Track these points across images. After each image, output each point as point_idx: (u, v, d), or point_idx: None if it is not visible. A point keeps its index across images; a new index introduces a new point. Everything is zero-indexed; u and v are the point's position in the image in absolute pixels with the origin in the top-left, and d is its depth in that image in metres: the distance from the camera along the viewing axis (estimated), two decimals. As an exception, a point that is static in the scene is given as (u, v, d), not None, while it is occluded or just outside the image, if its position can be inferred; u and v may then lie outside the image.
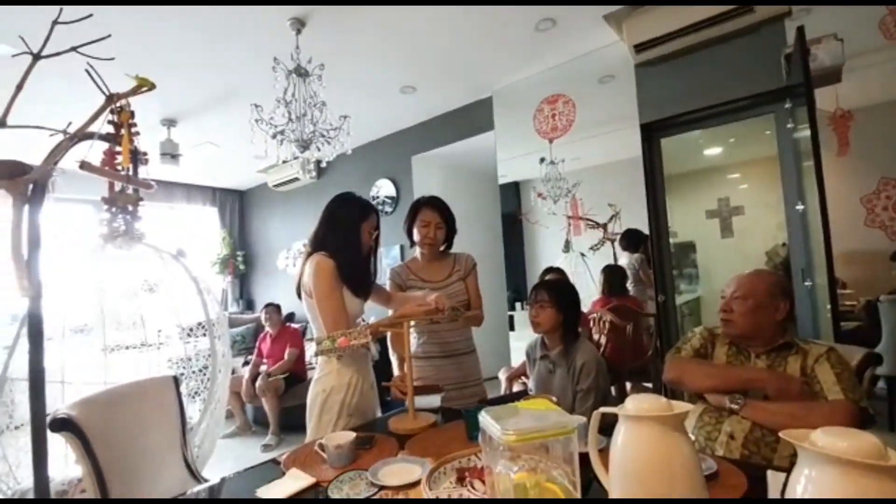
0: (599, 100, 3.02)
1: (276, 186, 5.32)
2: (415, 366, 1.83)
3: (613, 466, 0.72)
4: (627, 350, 2.67)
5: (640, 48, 2.62)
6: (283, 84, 2.39)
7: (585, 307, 2.72)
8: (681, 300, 3.31)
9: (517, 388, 2.38)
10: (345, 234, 1.57)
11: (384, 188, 4.49)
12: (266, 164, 5.01)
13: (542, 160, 3.26)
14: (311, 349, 3.77)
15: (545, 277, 2.63)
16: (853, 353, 1.35)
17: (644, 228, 2.83)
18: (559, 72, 3.17)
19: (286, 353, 3.89)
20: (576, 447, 0.71)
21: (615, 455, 0.71)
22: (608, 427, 0.76)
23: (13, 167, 1.10)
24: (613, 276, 2.91)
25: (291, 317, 4.64)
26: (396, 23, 2.52)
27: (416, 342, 1.88)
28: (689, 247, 3.90)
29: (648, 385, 2.78)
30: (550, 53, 3.02)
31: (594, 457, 0.78)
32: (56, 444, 1.32)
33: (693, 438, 1.23)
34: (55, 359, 2.21)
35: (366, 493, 0.96)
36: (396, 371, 1.86)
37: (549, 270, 2.87)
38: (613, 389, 2.49)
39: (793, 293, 1.36)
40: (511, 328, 3.55)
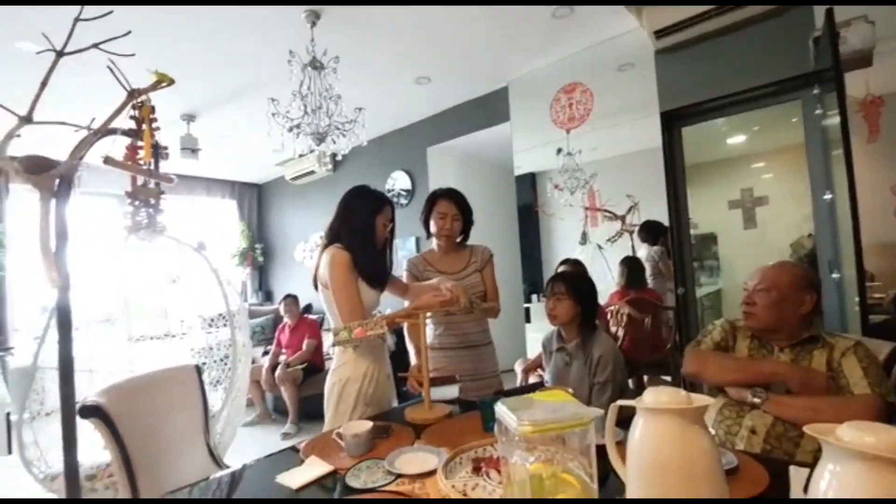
0: (618, 88, 2.96)
1: (293, 179, 5.37)
2: (431, 357, 1.85)
3: (631, 459, 0.71)
4: (645, 343, 2.64)
5: (661, 34, 2.55)
6: (299, 77, 2.40)
7: (603, 300, 2.69)
8: (701, 293, 3.25)
9: (533, 380, 2.38)
10: (359, 227, 1.58)
11: (399, 180, 4.49)
12: (283, 158, 5.06)
13: (559, 151, 3.21)
14: (329, 340, 3.83)
15: (560, 269, 2.61)
16: (881, 348, 1.31)
17: (663, 220, 2.77)
18: (577, 60, 3.11)
19: (304, 344, 3.96)
20: (592, 439, 0.70)
21: (633, 448, 0.71)
22: (625, 420, 0.75)
23: (40, 162, 1.13)
24: (632, 269, 2.87)
25: (309, 308, 4.70)
26: (411, 13, 2.50)
27: (433, 333, 1.89)
28: (711, 238, 3.82)
29: (667, 378, 2.74)
30: (568, 41, 2.97)
31: (611, 449, 0.78)
32: (85, 430, 1.37)
33: (713, 432, 1.22)
34: (83, 348, 2.29)
35: (383, 481, 0.97)
36: (413, 361, 1.88)
37: (566, 262, 2.84)
38: (631, 383, 2.47)
39: (819, 286, 1.32)
40: (527, 320, 3.54)
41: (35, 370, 2.09)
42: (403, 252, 4.43)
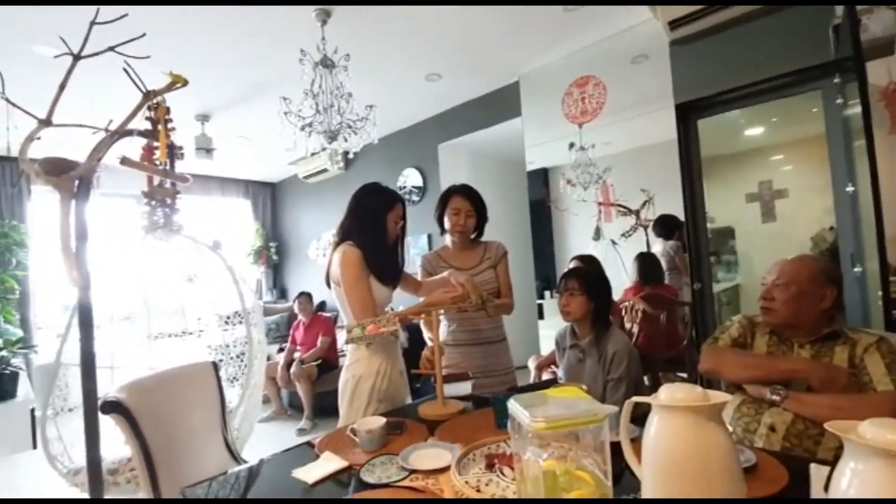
0: (632, 81, 2.91)
1: (306, 178, 5.41)
2: (444, 352, 1.86)
3: (646, 457, 0.70)
4: (661, 339, 2.60)
5: (675, 24, 2.51)
6: (311, 76, 2.41)
7: (617, 296, 2.66)
8: (718, 288, 3.19)
9: (547, 377, 2.37)
10: (370, 224, 1.59)
11: (411, 177, 4.50)
12: (296, 156, 5.10)
13: (572, 146, 3.18)
14: (343, 337, 3.86)
15: (572, 265, 2.59)
16: (906, 343, 1.27)
17: (679, 214, 2.73)
18: (589, 53, 3.07)
19: (319, 341, 4.00)
20: (606, 436, 0.70)
21: (648, 445, 0.70)
22: (641, 417, 0.75)
23: (60, 164, 1.16)
24: (647, 264, 2.83)
25: (323, 306, 4.74)
26: (421, 10, 2.50)
27: (447, 329, 1.89)
28: (728, 233, 3.75)
29: (683, 375, 2.71)
30: (579, 34, 2.93)
31: (626, 447, 0.77)
32: (107, 426, 1.40)
33: (731, 430, 1.20)
34: (105, 346, 2.34)
35: (397, 477, 0.98)
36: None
37: (578, 258, 2.81)
38: (646, 379, 2.44)
39: (841, 280, 1.29)
40: (540, 317, 3.52)
41: (58, 367, 2.15)
42: (416, 249, 4.44)
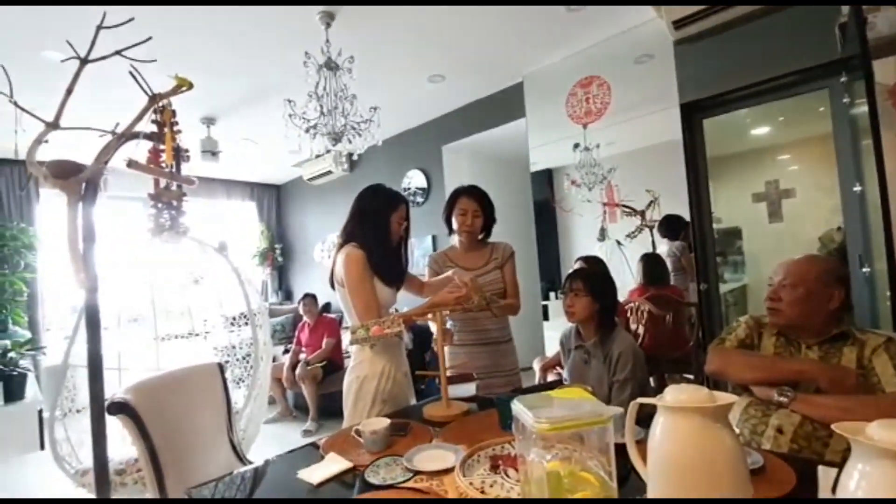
0: (636, 81, 2.90)
1: (311, 180, 5.43)
2: (450, 352, 1.87)
3: (652, 458, 0.70)
4: (667, 340, 2.59)
5: (680, 24, 2.50)
6: (315, 78, 2.43)
7: (622, 296, 2.65)
8: (725, 289, 3.17)
9: (552, 378, 2.36)
10: (374, 226, 1.59)
11: (415, 179, 4.51)
12: (300, 159, 5.13)
13: (576, 146, 3.17)
14: (348, 338, 3.87)
15: (576, 265, 2.58)
16: (916, 344, 1.26)
17: (685, 214, 2.72)
18: (593, 53, 3.07)
19: (324, 343, 4.01)
20: (611, 437, 0.69)
21: (653, 447, 0.70)
22: (646, 418, 0.74)
23: (67, 167, 1.17)
24: (652, 265, 2.81)
25: (328, 307, 4.76)
26: (424, 12, 2.50)
27: (453, 329, 1.89)
28: (734, 233, 3.72)
29: (689, 377, 2.69)
30: (583, 34, 2.92)
31: (631, 448, 0.77)
32: (114, 427, 1.41)
33: (738, 432, 1.19)
34: (112, 347, 2.36)
35: (401, 478, 0.98)
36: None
37: (582, 259, 2.80)
38: (652, 381, 2.42)
39: (849, 280, 1.28)
40: (545, 318, 3.51)
41: (66, 368, 2.17)
42: (420, 251, 4.44)
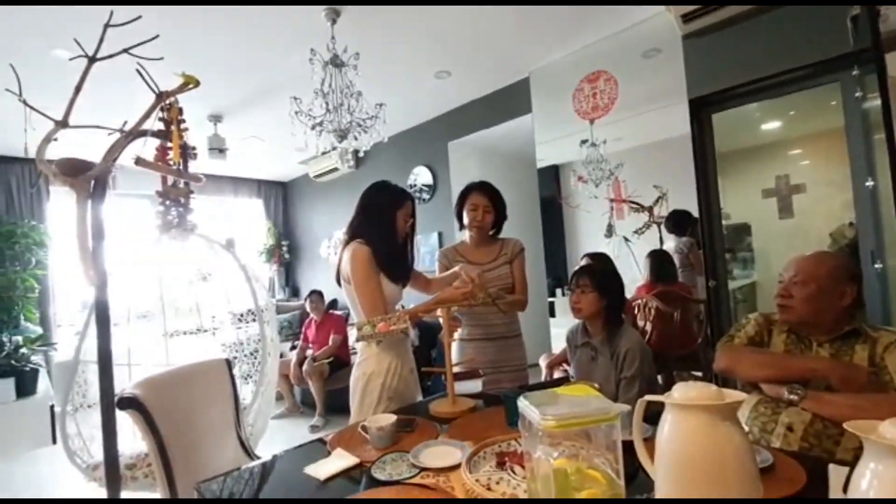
0: (644, 75, 2.87)
1: (317, 177, 5.45)
2: (457, 346, 1.90)
3: (659, 456, 0.69)
4: (674, 337, 2.57)
5: (688, 17, 2.46)
6: (321, 75, 2.42)
7: (629, 293, 2.63)
8: (734, 285, 3.14)
9: (558, 375, 2.36)
10: (379, 222, 1.59)
11: (421, 176, 4.50)
12: (307, 156, 5.14)
13: (583, 142, 3.15)
14: (354, 335, 3.88)
15: (583, 262, 2.57)
16: (929, 341, 1.23)
17: (693, 210, 2.69)
18: (600, 48, 3.04)
19: (330, 339, 4.02)
20: (618, 435, 0.69)
21: (661, 445, 0.69)
22: (654, 416, 0.73)
23: (76, 165, 1.18)
24: (660, 262, 2.79)
25: (334, 304, 4.77)
26: (430, 7, 2.49)
27: (460, 319, 1.90)
28: (744, 229, 3.69)
29: (698, 374, 2.67)
30: (590, 29, 2.90)
31: (639, 446, 0.76)
32: (125, 421, 1.43)
33: (747, 430, 1.18)
34: (122, 343, 2.39)
35: (408, 474, 0.98)
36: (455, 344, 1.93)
37: (588, 256, 2.78)
38: (660, 378, 2.41)
39: (861, 277, 1.26)
40: (551, 315, 3.50)
41: (77, 364, 2.20)
42: (426, 248, 4.44)
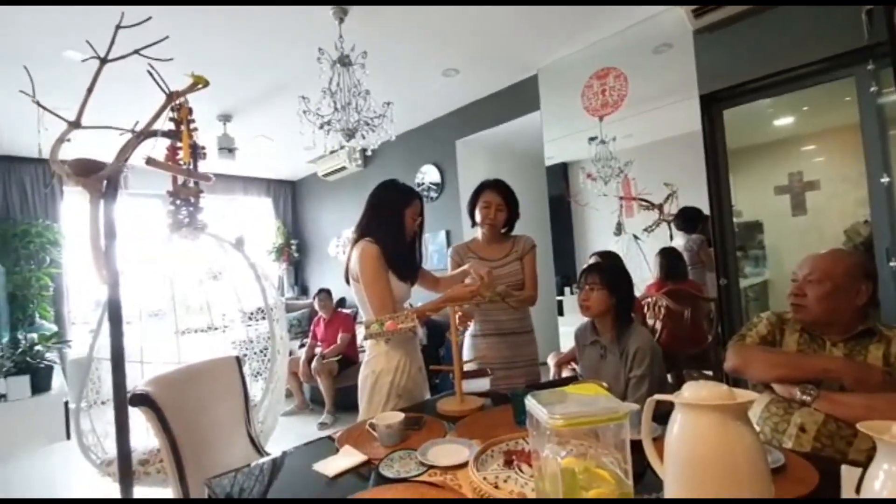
0: (654, 71, 2.84)
1: (325, 176, 5.48)
2: (469, 343, 1.93)
3: (669, 456, 0.69)
4: (685, 336, 2.54)
5: (699, 12, 2.44)
6: (328, 74, 2.43)
7: (639, 292, 2.62)
8: (746, 284, 3.10)
9: (566, 374, 2.34)
10: (388, 221, 1.60)
11: (429, 174, 4.50)
12: (315, 155, 5.16)
13: (594, 139, 3.12)
14: (363, 333, 3.90)
15: (591, 260, 2.55)
16: (946, 341, 1.21)
17: (704, 208, 2.66)
18: (609, 44, 3.01)
19: (339, 338, 4.05)
20: (627, 434, 0.68)
21: (670, 444, 0.68)
22: (664, 415, 0.73)
23: (89, 165, 1.20)
24: (671, 260, 2.76)
25: (343, 302, 4.80)
26: (437, 5, 2.48)
27: (473, 320, 1.91)
28: (756, 226, 3.64)
29: (708, 373, 2.65)
30: (599, 25, 2.87)
31: (648, 445, 0.75)
32: (138, 418, 1.45)
33: (759, 430, 1.16)
34: (134, 340, 2.42)
35: (416, 472, 0.98)
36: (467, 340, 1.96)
37: (597, 254, 2.77)
38: (670, 378, 2.39)
39: (876, 275, 1.23)
40: (560, 313, 3.48)
41: (91, 361, 2.23)
42: (434, 246, 4.44)
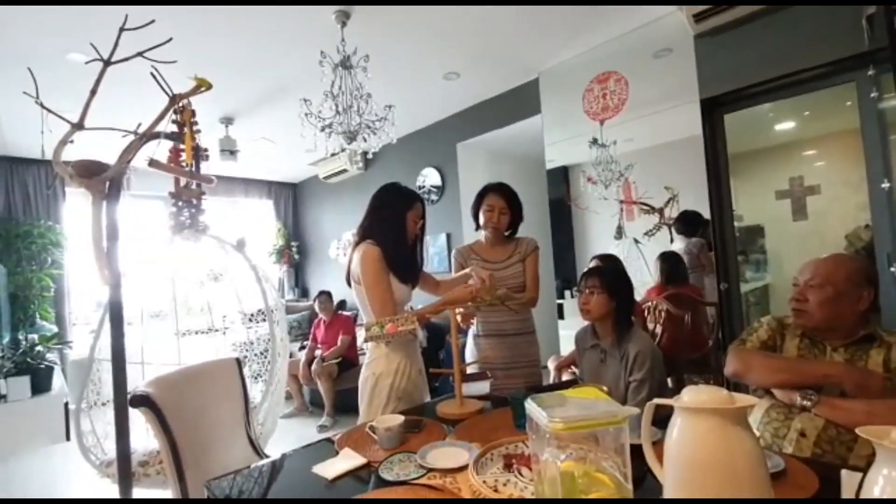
0: (655, 76, 2.85)
1: (326, 178, 5.48)
2: (472, 344, 1.95)
3: (668, 460, 0.69)
4: (685, 341, 2.54)
5: (700, 17, 2.44)
6: (330, 77, 2.44)
7: (639, 296, 2.61)
8: (746, 288, 3.10)
9: (566, 378, 2.34)
10: (390, 223, 1.60)
11: (430, 177, 4.51)
12: (316, 157, 5.17)
13: (594, 142, 3.13)
14: (363, 335, 3.90)
15: (592, 264, 2.55)
16: (947, 347, 1.21)
17: (704, 212, 2.66)
18: (610, 48, 3.02)
19: (339, 340, 4.04)
20: (627, 438, 0.68)
21: (670, 449, 0.68)
22: (663, 419, 0.73)
23: (91, 167, 1.20)
24: (671, 264, 2.76)
25: (343, 304, 4.79)
26: (438, 8, 2.49)
27: (475, 321, 1.92)
28: (756, 231, 3.64)
29: (709, 378, 2.64)
30: (600, 29, 2.88)
31: (648, 449, 0.75)
32: (138, 419, 1.45)
33: (759, 435, 1.16)
34: (135, 342, 2.42)
35: (415, 475, 0.98)
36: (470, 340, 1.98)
37: (597, 258, 2.77)
38: (670, 382, 2.39)
39: (877, 280, 1.24)
40: (560, 317, 3.48)
41: (91, 362, 2.23)
42: (435, 249, 4.44)
